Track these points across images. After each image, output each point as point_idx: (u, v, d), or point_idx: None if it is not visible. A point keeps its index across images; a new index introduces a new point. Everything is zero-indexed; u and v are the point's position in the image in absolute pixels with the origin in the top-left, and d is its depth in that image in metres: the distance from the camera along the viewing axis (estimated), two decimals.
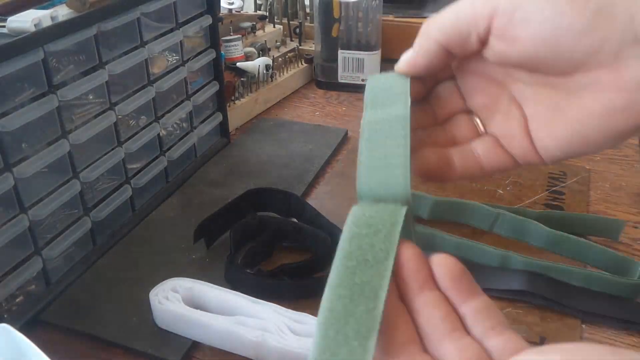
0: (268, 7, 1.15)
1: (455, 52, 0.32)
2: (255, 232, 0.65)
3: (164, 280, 0.56)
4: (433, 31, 0.32)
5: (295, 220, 0.68)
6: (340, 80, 1.05)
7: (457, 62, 0.35)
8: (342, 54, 1.03)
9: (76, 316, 0.57)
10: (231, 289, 0.57)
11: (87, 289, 0.61)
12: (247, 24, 1.05)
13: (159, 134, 0.73)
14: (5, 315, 0.55)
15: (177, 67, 0.75)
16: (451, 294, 0.27)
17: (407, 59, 0.34)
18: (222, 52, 0.85)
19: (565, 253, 0.62)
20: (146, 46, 0.68)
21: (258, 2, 1.18)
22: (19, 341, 0.44)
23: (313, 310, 0.35)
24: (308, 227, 0.66)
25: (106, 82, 0.63)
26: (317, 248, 0.64)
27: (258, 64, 0.98)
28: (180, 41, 0.74)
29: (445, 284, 0.27)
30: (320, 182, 0.79)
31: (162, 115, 0.73)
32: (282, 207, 0.69)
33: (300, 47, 1.12)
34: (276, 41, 1.10)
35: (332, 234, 0.63)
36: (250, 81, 0.97)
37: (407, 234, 0.28)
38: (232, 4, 1.05)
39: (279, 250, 0.66)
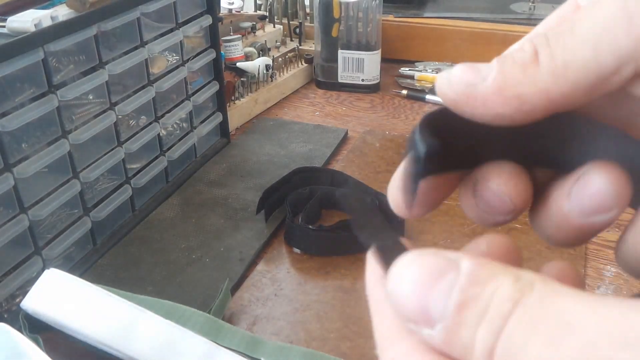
0: (268, 7, 1.15)
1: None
2: (306, 202, 0.71)
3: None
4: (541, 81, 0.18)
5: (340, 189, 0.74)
6: (340, 80, 1.05)
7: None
8: (342, 54, 1.03)
9: None
10: (290, 245, 0.66)
11: None
12: (247, 24, 1.05)
13: (159, 134, 0.73)
14: (5, 315, 0.55)
15: (177, 67, 0.75)
16: None
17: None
18: (222, 52, 0.85)
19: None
20: (146, 46, 0.68)
21: (258, 2, 1.18)
22: (18, 341, 0.44)
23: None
24: (354, 192, 0.69)
25: (106, 82, 0.63)
26: None
27: (258, 64, 0.98)
28: (180, 41, 0.74)
29: None
30: None
31: (162, 115, 0.73)
32: (326, 182, 0.76)
33: (300, 47, 1.12)
34: (276, 41, 1.10)
35: (377, 198, 0.68)
36: (250, 81, 0.97)
37: None
38: (232, 4, 1.05)
39: (327, 215, 0.71)
